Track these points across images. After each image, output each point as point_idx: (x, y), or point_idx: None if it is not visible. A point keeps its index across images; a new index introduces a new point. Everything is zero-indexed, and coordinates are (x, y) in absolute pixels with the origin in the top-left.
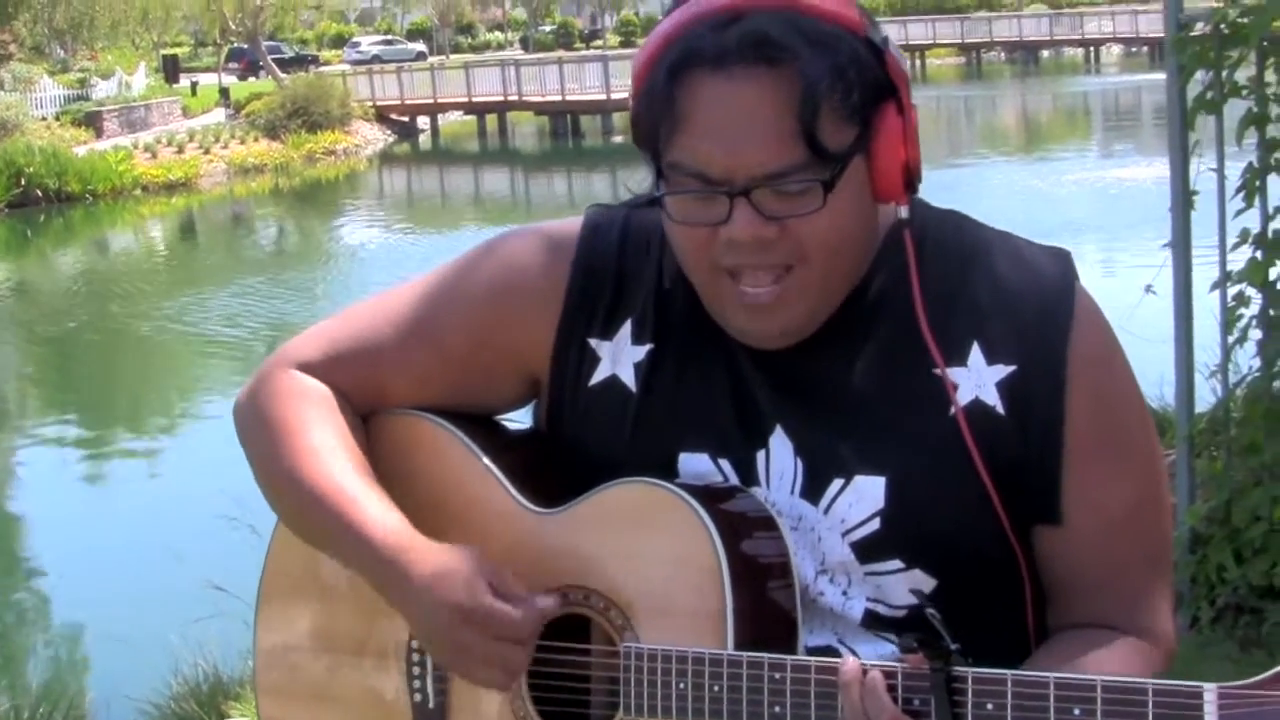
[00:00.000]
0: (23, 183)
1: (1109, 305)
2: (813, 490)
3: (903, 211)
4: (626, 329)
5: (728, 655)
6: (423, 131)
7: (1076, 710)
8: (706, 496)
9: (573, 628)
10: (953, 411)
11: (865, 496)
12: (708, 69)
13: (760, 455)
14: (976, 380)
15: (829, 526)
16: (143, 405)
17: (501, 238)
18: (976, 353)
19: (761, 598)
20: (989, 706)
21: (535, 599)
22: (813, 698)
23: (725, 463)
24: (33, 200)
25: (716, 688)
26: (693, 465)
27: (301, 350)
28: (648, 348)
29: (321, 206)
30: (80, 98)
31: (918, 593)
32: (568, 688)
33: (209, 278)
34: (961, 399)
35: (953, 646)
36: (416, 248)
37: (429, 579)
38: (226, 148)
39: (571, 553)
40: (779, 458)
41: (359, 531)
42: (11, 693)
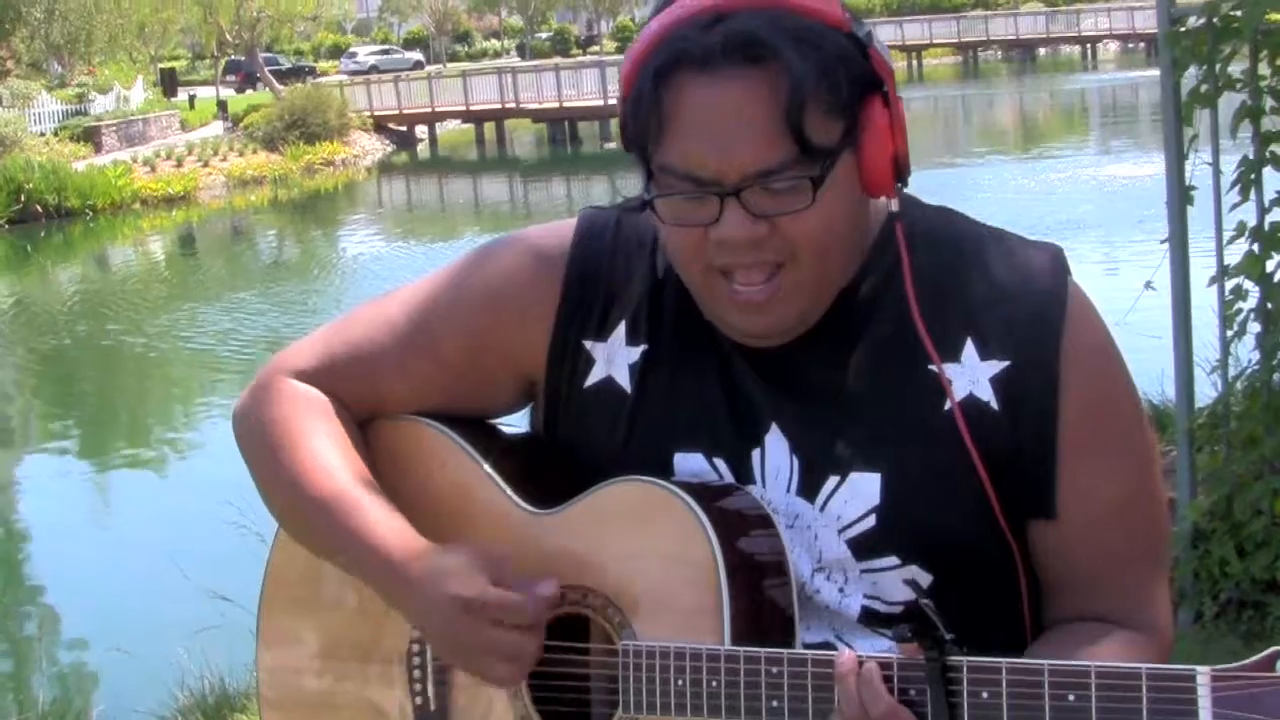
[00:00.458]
0: (22, 199)
1: (1109, 302)
2: (808, 488)
3: (893, 204)
4: (621, 330)
5: (725, 651)
6: (421, 141)
7: (1071, 697)
8: (702, 494)
9: (572, 627)
10: (948, 407)
11: (861, 493)
12: (694, 70)
13: (755, 454)
14: (970, 376)
15: (825, 524)
16: (145, 418)
17: (495, 242)
18: (970, 348)
19: (758, 594)
20: (984, 695)
21: (536, 586)
22: (810, 691)
23: (720, 461)
24: (33, 216)
25: (714, 683)
26: (688, 465)
27: (298, 358)
28: (642, 348)
29: (321, 218)
30: (78, 113)
31: (913, 584)
32: (568, 687)
33: (209, 291)
34: (955, 395)
35: (947, 636)
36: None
37: (430, 576)
38: (225, 160)
39: (569, 553)
40: (774, 456)
41: (361, 535)
42: (19, 706)
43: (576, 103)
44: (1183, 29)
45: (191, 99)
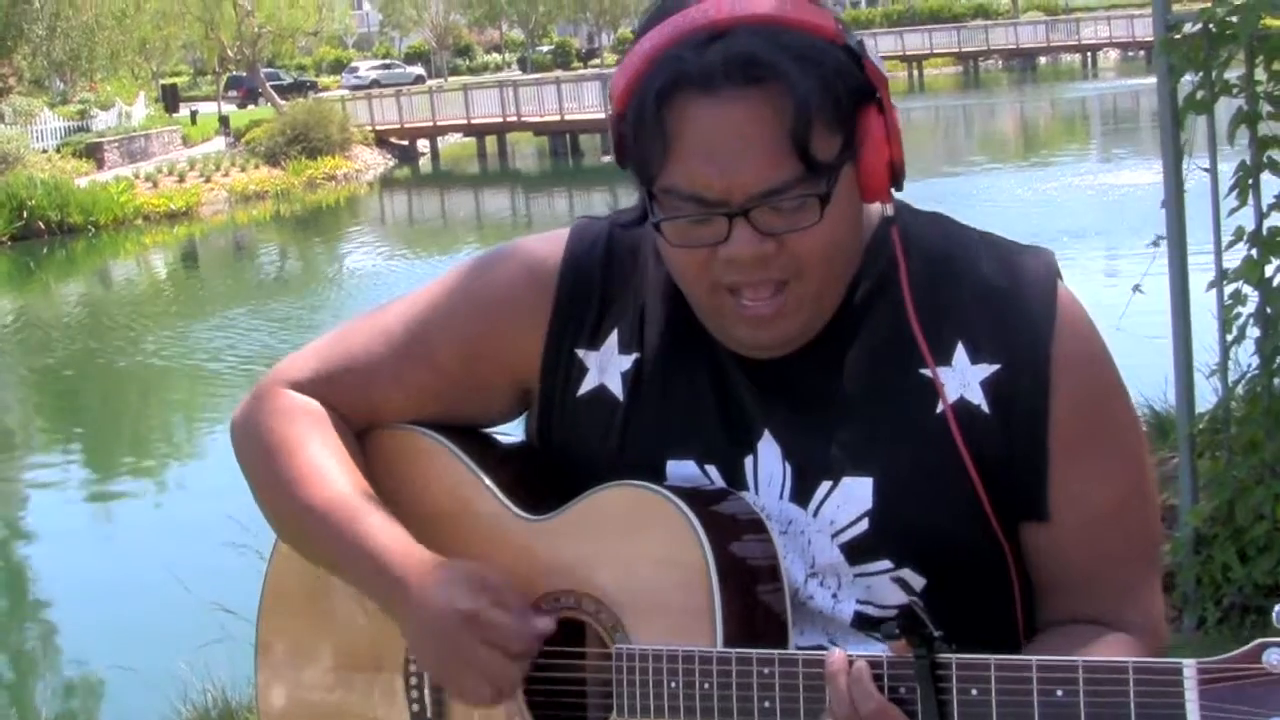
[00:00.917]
0: (25, 215)
1: (1109, 309)
2: (801, 493)
3: (888, 209)
4: (613, 339)
5: (716, 652)
6: (423, 154)
7: (1059, 692)
8: (694, 498)
9: (568, 632)
10: (940, 410)
11: (853, 498)
12: (695, 92)
13: (748, 460)
14: (961, 380)
15: (818, 529)
16: (147, 432)
17: (490, 253)
18: (961, 352)
19: (750, 597)
20: (974, 692)
21: (534, 617)
22: (801, 691)
23: (712, 468)
24: (35, 233)
25: (707, 685)
26: (680, 471)
27: (295, 369)
28: (634, 356)
29: (323, 232)
30: (80, 129)
31: (906, 588)
32: (564, 692)
33: (211, 306)
34: (947, 398)
35: (936, 633)
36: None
37: (432, 586)
38: (227, 175)
39: (562, 558)
40: (767, 462)
41: (360, 544)
42: None
43: (578, 115)
44: (1179, 35)
45: (193, 115)
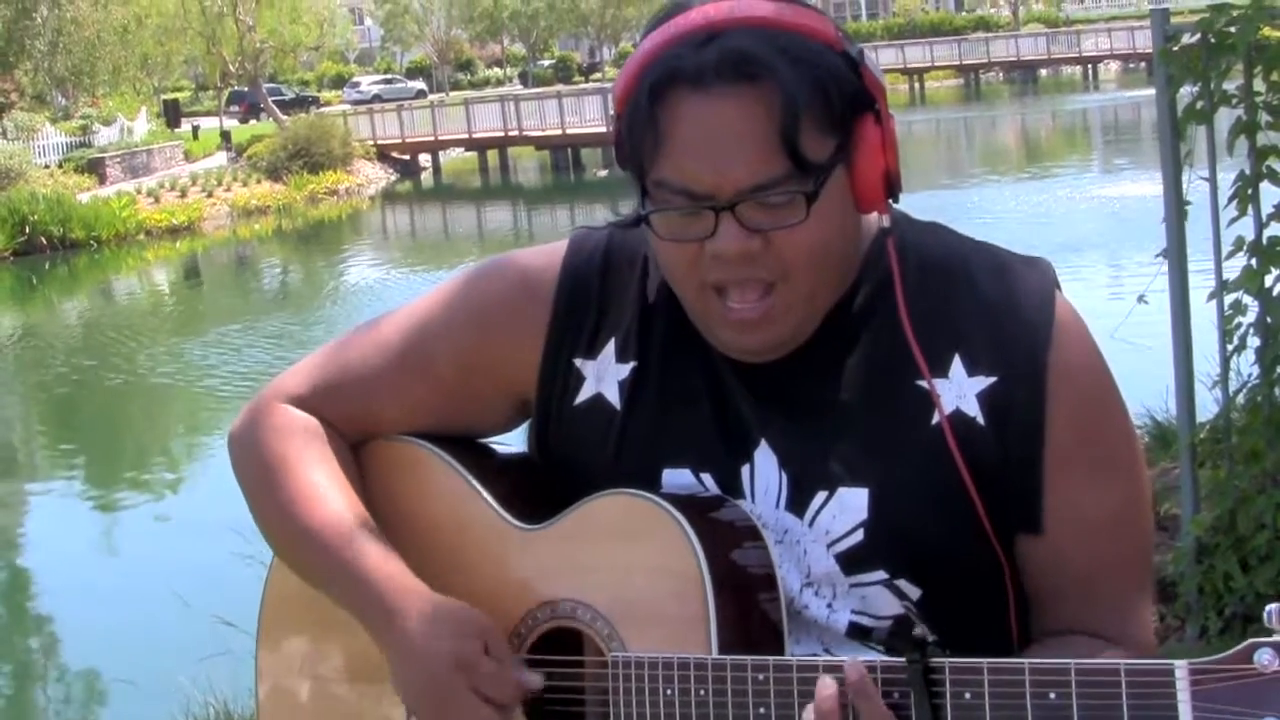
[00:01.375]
0: (27, 230)
1: (1110, 320)
2: (797, 503)
3: (884, 220)
4: (610, 348)
5: (712, 659)
6: (424, 169)
7: (1052, 694)
8: (689, 506)
9: (565, 641)
10: (936, 421)
11: (849, 508)
12: (688, 87)
13: (745, 469)
14: (957, 391)
15: (814, 539)
16: (149, 446)
17: (488, 264)
18: (957, 364)
19: (746, 605)
20: (967, 695)
21: (524, 674)
22: (796, 697)
23: (708, 477)
24: (38, 248)
25: (703, 692)
26: (676, 481)
27: (293, 383)
28: (632, 365)
29: (325, 247)
30: (82, 144)
31: (900, 594)
32: (562, 700)
33: (213, 322)
34: (944, 409)
35: (929, 638)
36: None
37: (425, 624)
38: (229, 190)
39: (558, 566)
40: (763, 471)
41: (354, 572)
42: None
43: (579, 130)
44: (1177, 46)
45: (195, 130)
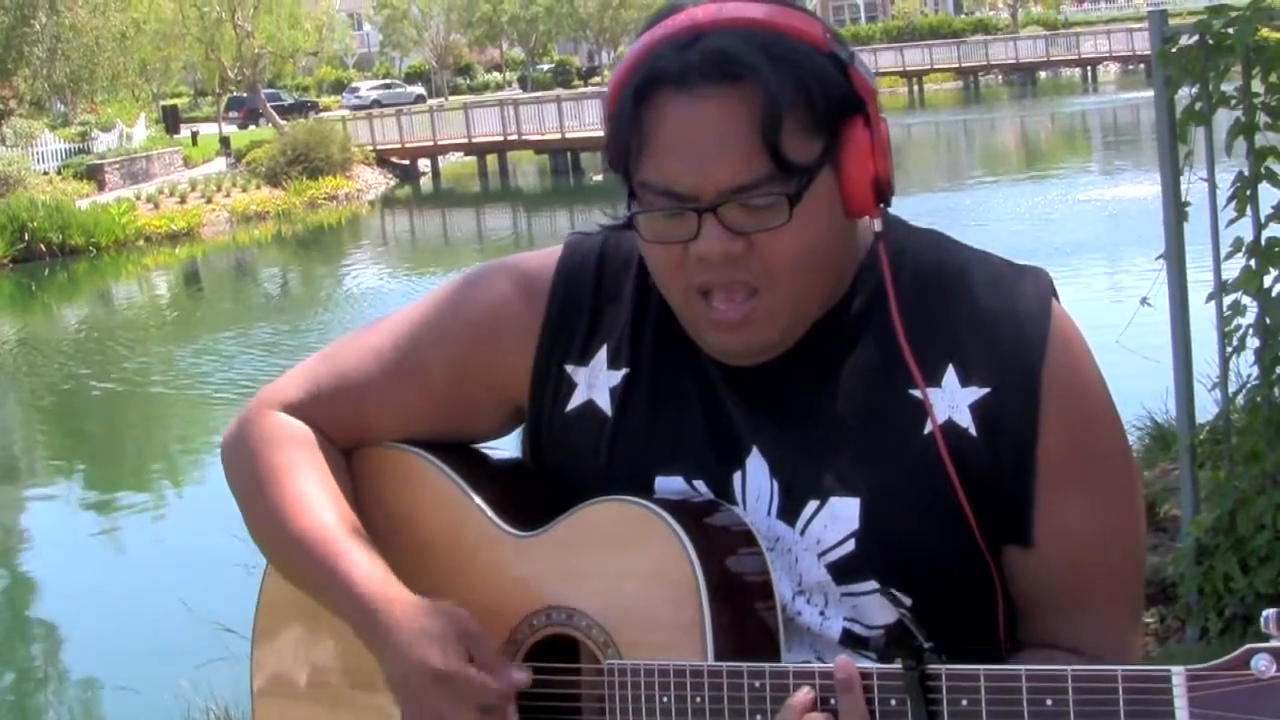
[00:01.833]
0: (26, 237)
1: (1109, 322)
2: (789, 511)
3: (876, 225)
4: (603, 354)
5: (707, 666)
6: (424, 174)
7: (1049, 701)
8: (683, 511)
9: (560, 648)
10: (928, 431)
11: (840, 518)
12: (671, 88)
13: (736, 476)
14: (950, 402)
15: (805, 547)
16: (149, 453)
17: (480, 270)
18: (951, 374)
19: (741, 612)
20: (964, 702)
21: (510, 670)
22: None
23: (700, 484)
24: (37, 254)
25: (699, 699)
26: (668, 487)
27: (285, 391)
28: (623, 372)
29: (325, 252)
30: (81, 151)
31: (896, 600)
32: (559, 709)
33: (214, 327)
34: (936, 420)
35: (926, 645)
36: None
37: (409, 637)
38: (228, 196)
39: (552, 573)
40: (755, 479)
41: (343, 581)
42: None
43: (579, 133)
44: (1176, 48)
45: (194, 136)
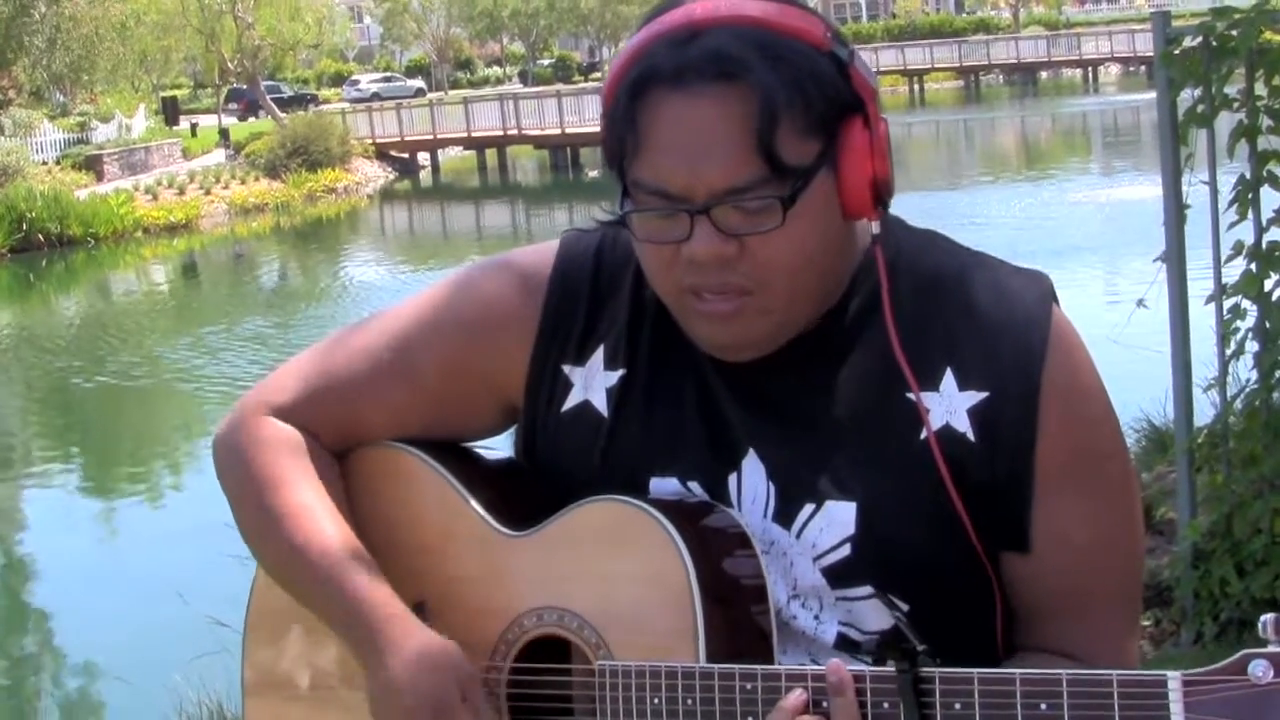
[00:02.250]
0: (24, 227)
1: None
2: (784, 514)
3: (874, 227)
4: (599, 354)
5: (699, 668)
6: (423, 168)
7: (1043, 705)
8: (676, 512)
9: (552, 649)
10: (924, 436)
11: (836, 522)
12: (666, 86)
13: (732, 478)
14: (948, 406)
15: (800, 551)
16: (146, 446)
17: (476, 267)
18: (949, 378)
19: (734, 615)
20: (957, 706)
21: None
22: None
23: (695, 485)
24: (35, 245)
25: (690, 701)
26: (663, 488)
27: (277, 391)
28: (620, 372)
29: (323, 245)
30: (80, 141)
31: (892, 604)
32: (550, 709)
33: (211, 320)
34: (932, 425)
35: (919, 648)
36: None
37: (407, 659)
38: (227, 188)
39: (544, 573)
40: (751, 481)
41: (341, 595)
42: None
43: (579, 129)
44: (1178, 49)
45: (193, 127)
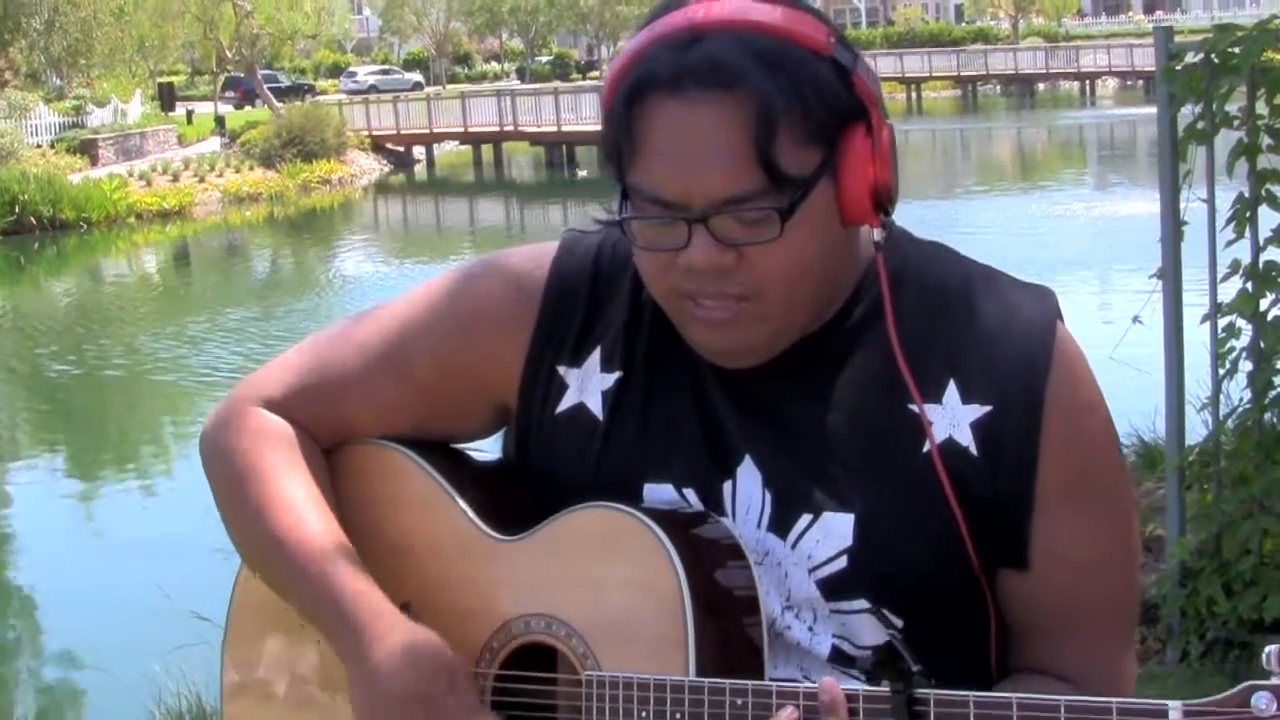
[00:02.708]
0: (17, 210)
1: (1101, 339)
2: (780, 524)
3: (876, 234)
4: (596, 356)
5: (689, 682)
6: (418, 161)
7: None
8: (670, 522)
9: (539, 657)
10: (927, 449)
11: (833, 534)
12: (664, 92)
13: (726, 486)
14: (951, 419)
15: (795, 562)
16: (131, 437)
17: (473, 265)
18: (952, 391)
19: (725, 627)
20: None
21: (486, 717)
22: None
23: (690, 492)
24: (27, 228)
25: (679, 715)
26: (657, 495)
27: (266, 385)
28: (616, 375)
29: (317, 236)
30: (75, 125)
31: (887, 621)
32: (534, 718)
33: (201, 309)
34: (935, 437)
35: (915, 668)
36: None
37: (393, 652)
38: (221, 176)
39: (533, 580)
40: (746, 489)
41: (325, 589)
42: None
43: (575, 127)
44: (1180, 65)
45: (189, 114)
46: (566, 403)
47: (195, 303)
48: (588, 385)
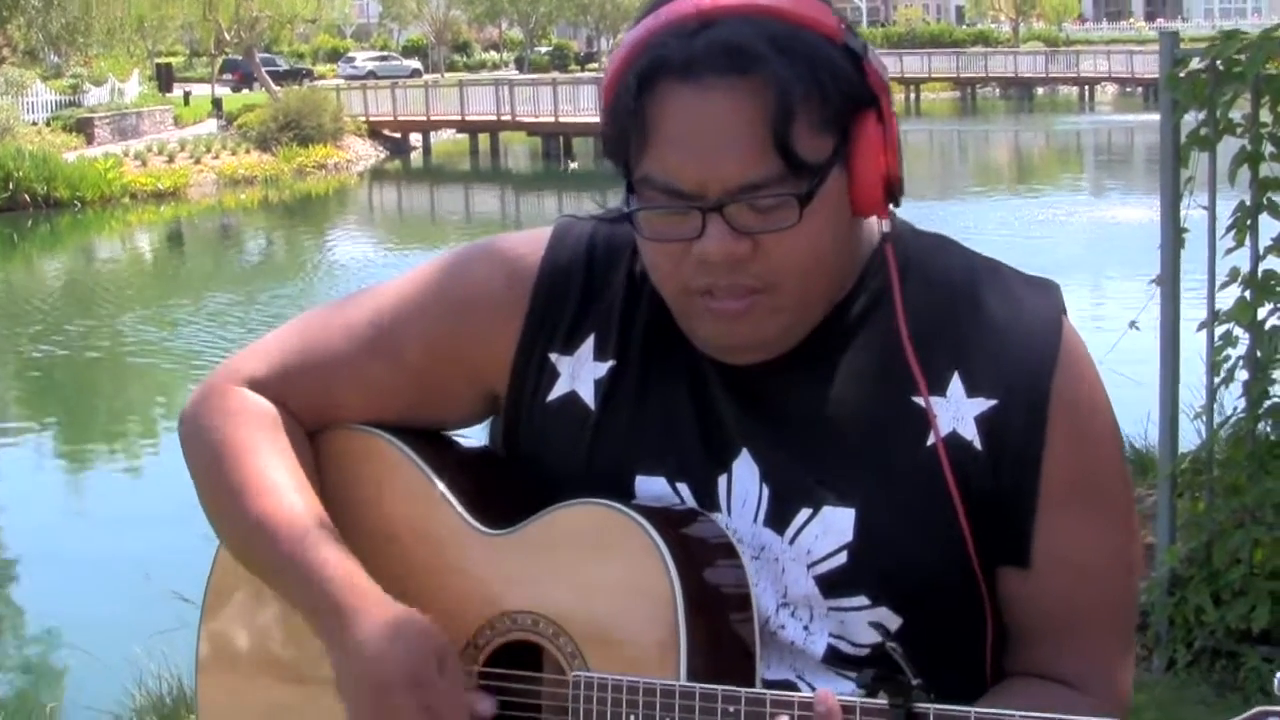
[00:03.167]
0: (11, 187)
1: (1097, 345)
2: (778, 519)
3: (884, 225)
4: (589, 344)
5: (680, 686)
6: (415, 149)
7: None
8: (663, 520)
9: (524, 655)
10: (931, 442)
11: (833, 528)
12: (676, 78)
13: (722, 479)
14: (955, 412)
15: (793, 558)
16: (117, 418)
17: (466, 249)
18: (957, 383)
19: (717, 629)
20: None
21: (476, 700)
22: None
23: (683, 486)
24: (20, 205)
25: (668, 719)
26: (649, 488)
27: (250, 365)
28: (610, 364)
29: (311, 220)
30: (72, 104)
31: (880, 627)
32: (518, 717)
33: (192, 290)
34: (940, 430)
35: (914, 682)
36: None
37: (379, 631)
38: (217, 158)
39: (520, 576)
40: (742, 482)
41: (308, 569)
42: None
43: (572, 118)
44: (1184, 72)
45: (187, 95)
46: (558, 391)
47: (191, 284)
48: (580, 373)
